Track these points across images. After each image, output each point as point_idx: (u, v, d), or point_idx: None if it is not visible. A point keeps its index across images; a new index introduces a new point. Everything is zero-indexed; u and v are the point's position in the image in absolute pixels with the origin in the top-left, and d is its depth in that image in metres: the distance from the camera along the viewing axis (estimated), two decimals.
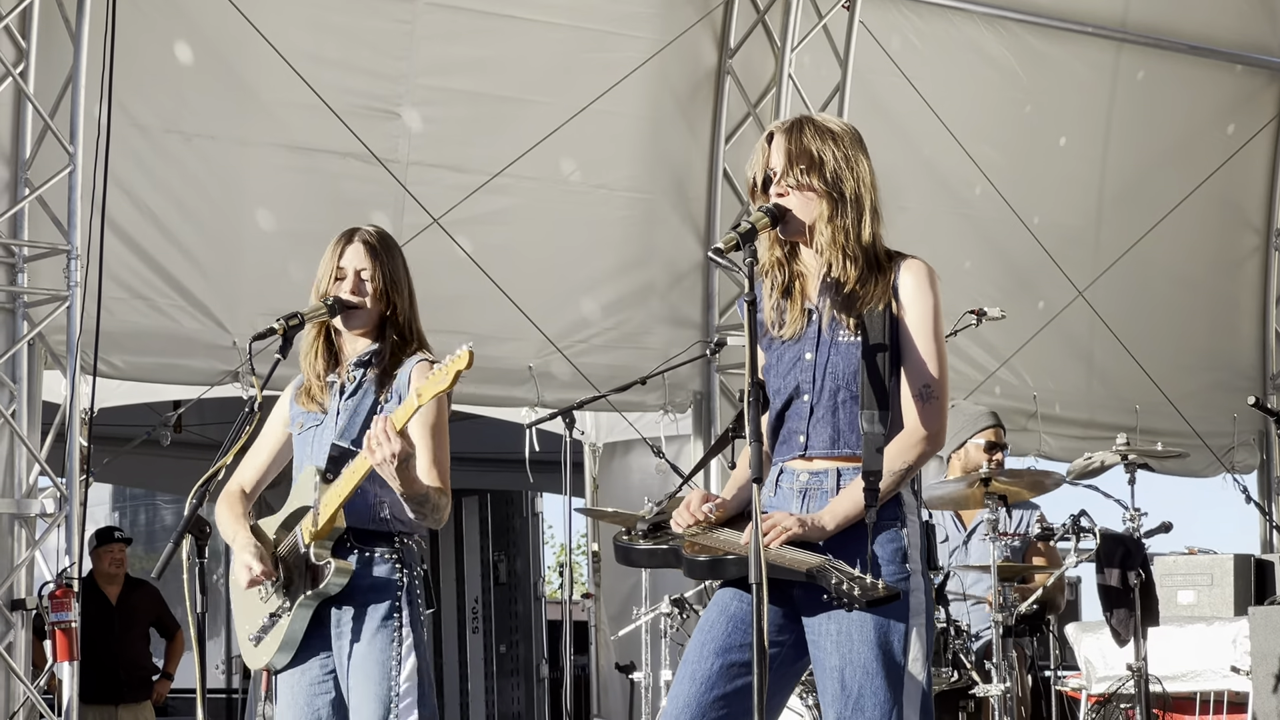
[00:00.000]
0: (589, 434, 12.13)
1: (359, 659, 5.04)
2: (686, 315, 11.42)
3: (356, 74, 10.19)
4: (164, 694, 11.59)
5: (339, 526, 5.02)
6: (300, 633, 5.09)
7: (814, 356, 4.45)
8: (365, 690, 5.03)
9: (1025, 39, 12.34)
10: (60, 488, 9.06)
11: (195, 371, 9.79)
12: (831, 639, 4.34)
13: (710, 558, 4.39)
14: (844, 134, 4.50)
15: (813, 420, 4.44)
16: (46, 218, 9.15)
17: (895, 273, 4.46)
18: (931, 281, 4.46)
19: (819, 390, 4.44)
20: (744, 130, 11.47)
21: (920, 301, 4.44)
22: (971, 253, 12.04)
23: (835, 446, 4.42)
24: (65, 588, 8.67)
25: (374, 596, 5.07)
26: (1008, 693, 7.70)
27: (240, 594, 5.25)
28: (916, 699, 4.35)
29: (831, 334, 4.45)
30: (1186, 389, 12.97)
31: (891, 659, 4.31)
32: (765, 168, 4.50)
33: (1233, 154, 13.13)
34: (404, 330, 5.23)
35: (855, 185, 4.45)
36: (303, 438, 5.24)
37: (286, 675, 5.18)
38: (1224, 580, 9.39)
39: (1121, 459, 8.30)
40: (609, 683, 12.06)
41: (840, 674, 4.32)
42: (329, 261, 5.23)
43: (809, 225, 4.47)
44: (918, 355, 4.42)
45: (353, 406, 5.17)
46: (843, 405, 4.42)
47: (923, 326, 4.43)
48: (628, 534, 4.61)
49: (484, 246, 10.37)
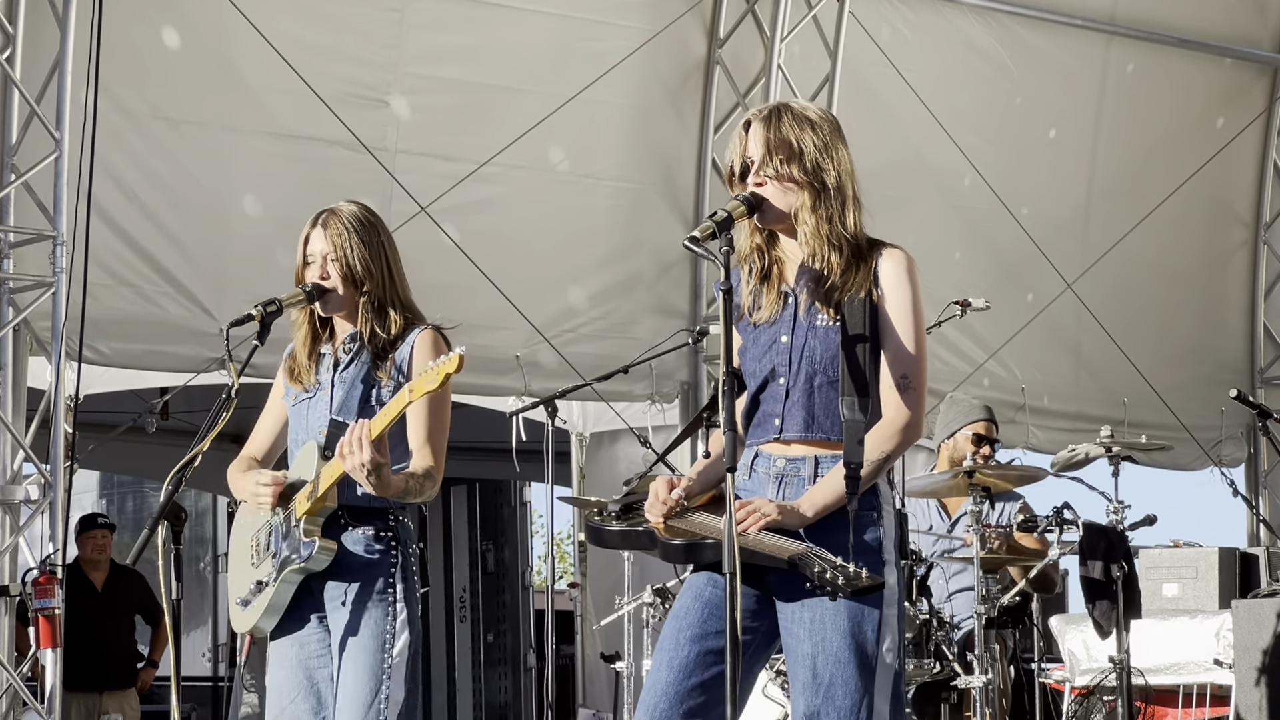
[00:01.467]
0: (575, 423, 12.13)
1: (352, 631, 5.05)
2: (674, 305, 11.42)
3: (345, 61, 10.18)
4: (149, 681, 11.59)
5: (329, 505, 5.03)
6: (285, 602, 5.10)
7: (790, 340, 4.45)
8: (358, 662, 5.04)
9: (1015, 31, 12.33)
10: (45, 474, 9.04)
11: (181, 358, 9.78)
12: (805, 626, 4.34)
13: (686, 541, 4.37)
14: (822, 122, 4.48)
15: (788, 404, 4.43)
16: (32, 203, 9.13)
17: (876, 261, 4.44)
18: (911, 271, 4.45)
19: (795, 374, 4.43)
20: (733, 120, 11.45)
21: (901, 290, 4.43)
22: (960, 244, 12.03)
23: (810, 430, 4.42)
24: (49, 574, 8.66)
25: (370, 571, 5.08)
26: (990, 684, 7.71)
27: (235, 557, 5.25)
28: (887, 689, 4.35)
29: (809, 318, 4.44)
30: (1174, 382, 12.97)
31: (864, 649, 4.31)
32: (743, 156, 4.49)
33: (1221, 148, 13.12)
34: (383, 308, 5.21)
35: (836, 174, 4.44)
36: (296, 410, 5.25)
37: (282, 645, 5.18)
38: (1209, 573, 9.39)
39: (1106, 451, 8.30)
40: (594, 672, 12.06)
41: (812, 662, 4.32)
42: (299, 248, 5.24)
43: (790, 214, 4.46)
44: (897, 344, 4.41)
45: (349, 380, 5.17)
46: (818, 390, 4.41)
47: (903, 316, 4.41)
48: (600, 515, 4.60)
49: (472, 235, 10.36)
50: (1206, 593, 9.38)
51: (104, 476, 18.82)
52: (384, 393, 5.10)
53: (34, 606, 8.64)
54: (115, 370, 10.12)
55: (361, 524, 5.10)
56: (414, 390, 4.79)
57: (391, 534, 5.12)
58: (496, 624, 15.47)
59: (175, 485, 4.87)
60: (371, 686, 5.02)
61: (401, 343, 5.18)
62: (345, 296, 5.19)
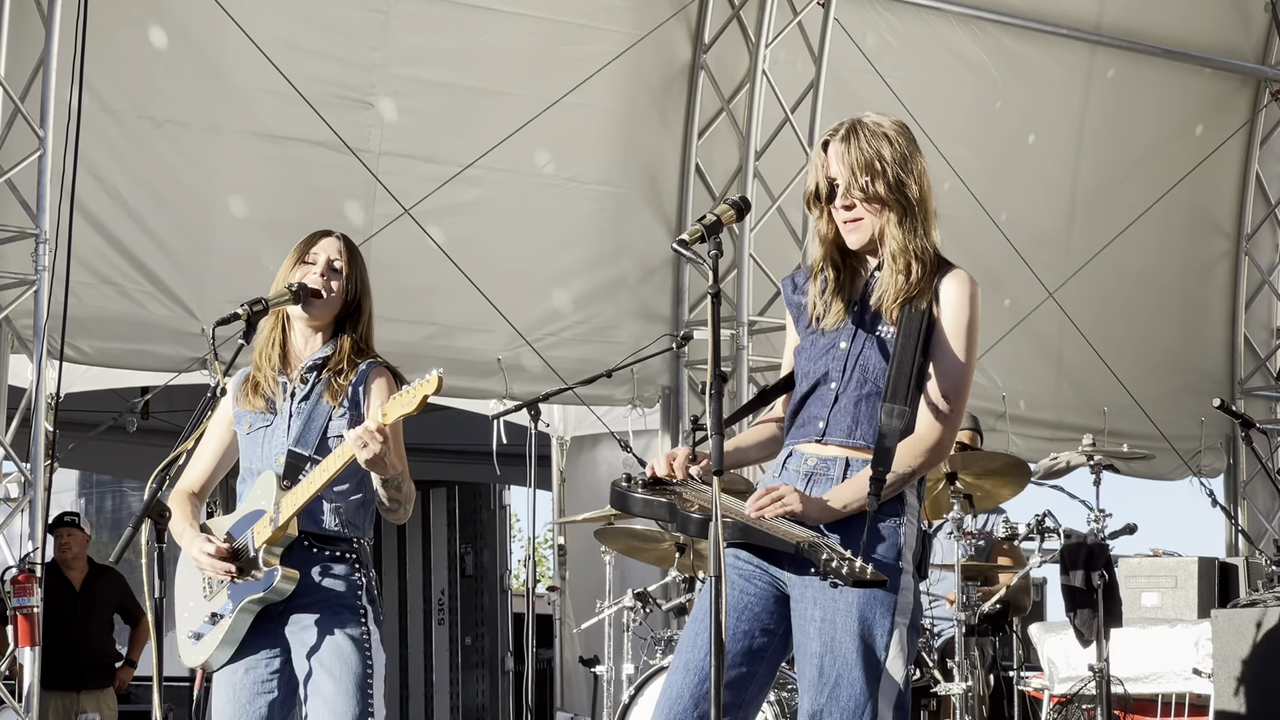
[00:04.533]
0: (556, 427, 12.12)
1: (329, 655, 5.03)
2: (656, 310, 11.43)
3: (330, 63, 10.18)
4: (127, 681, 11.55)
5: (290, 534, 5.04)
6: (241, 634, 5.09)
7: (848, 346, 4.48)
8: (342, 682, 5.01)
9: (999, 39, 12.35)
10: (25, 472, 9.02)
11: (163, 358, 9.77)
12: (815, 625, 4.36)
13: (705, 515, 4.33)
14: (898, 135, 4.52)
15: (836, 408, 4.45)
16: (15, 201, 9.10)
17: (941, 278, 4.48)
18: (975, 295, 4.49)
19: (847, 379, 4.46)
20: (717, 126, 11.48)
21: (961, 312, 4.46)
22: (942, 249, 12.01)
23: (852, 436, 4.44)
24: (28, 573, 8.64)
25: (338, 596, 5.09)
26: (969, 691, 7.72)
27: (183, 590, 5.22)
28: (892, 696, 4.37)
29: (871, 327, 4.47)
30: (1155, 392, 13.00)
31: (872, 653, 4.33)
32: (826, 177, 4.50)
33: (1204, 158, 13.15)
34: (361, 336, 5.22)
35: (918, 187, 4.50)
36: (251, 438, 5.21)
37: (226, 672, 5.15)
38: (1188, 583, 9.41)
39: (1087, 460, 8.32)
40: (573, 676, 12.05)
41: (820, 661, 4.35)
42: (297, 251, 5.21)
43: (876, 233, 4.49)
44: (946, 364, 4.44)
45: (306, 412, 5.14)
46: (867, 398, 4.44)
47: (958, 337, 4.45)
48: (628, 480, 4.58)
49: (455, 237, 10.36)
50: (1185, 602, 9.40)
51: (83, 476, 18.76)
52: (339, 424, 5.09)
53: (12, 605, 8.62)
54: (96, 369, 10.12)
55: (328, 548, 5.11)
56: (388, 414, 4.81)
57: (356, 558, 5.13)
58: (475, 627, 15.45)
59: (159, 484, 4.85)
60: (359, 704, 5.01)
61: (353, 372, 5.17)
62: (334, 306, 5.18)
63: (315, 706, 5.04)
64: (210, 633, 5.10)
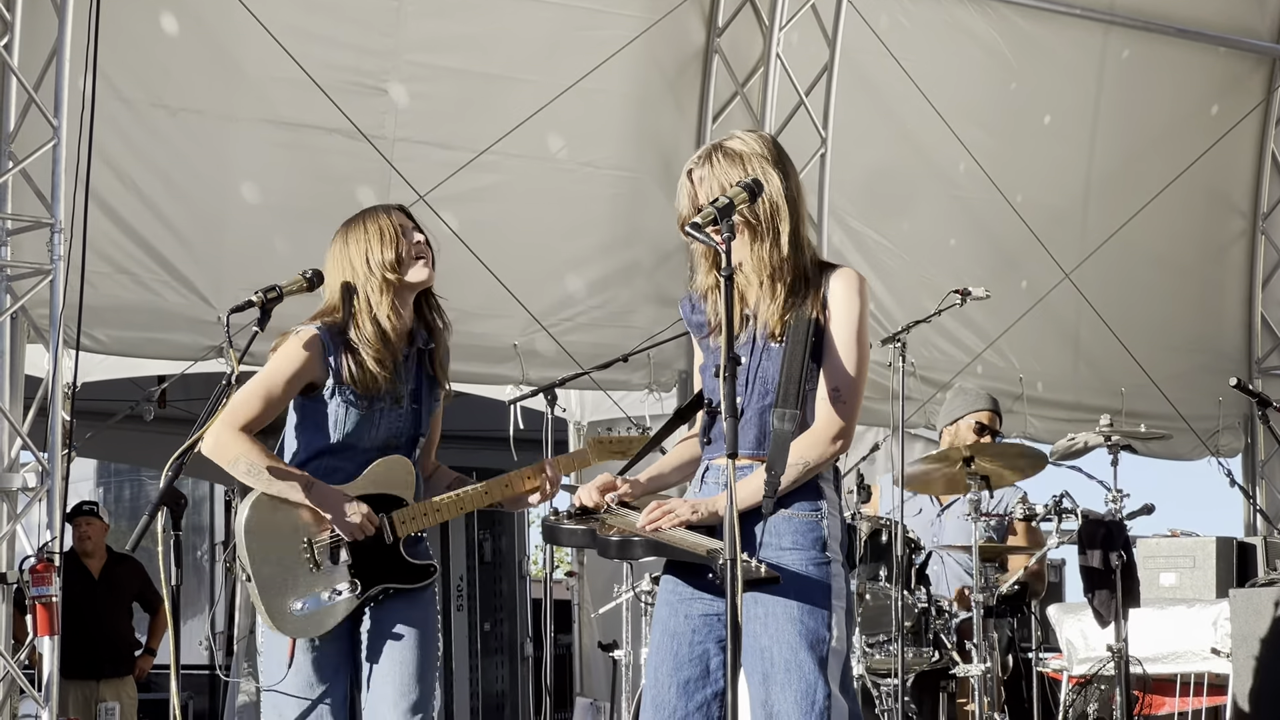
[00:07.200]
0: (573, 412, 12.12)
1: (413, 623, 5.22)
2: (672, 294, 11.39)
3: (343, 49, 10.17)
4: (146, 669, 11.59)
5: None
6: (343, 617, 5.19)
7: (748, 361, 4.60)
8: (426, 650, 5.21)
9: (1013, 20, 12.32)
10: (42, 462, 9.03)
11: (179, 346, 9.78)
12: (759, 621, 4.51)
13: (621, 538, 4.56)
14: (751, 155, 4.60)
15: (743, 421, 4.54)
16: (30, 191, 9.10)
17: (826, 282, 4.60)
18: (860, 289, 4.61)
19: (750, 394, 4.59)
20: (731, 109, 11.46)
21: (846, 308, 4.59)
22: (956, 231, 12.04)
23: (761, 446, 4.58)
24: (46, 562, 8.65)
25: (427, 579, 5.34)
26: (988, 672, 7.72)
27: (279, 554, 5.12)
28: (838, 673, 4.52)
29: (764, 342, 4.59)
30: (1172, 372, 12.98)
31: (816, 639, 4.48)
32: (695, 202, 4.62)
33: (1219, 138, 13.12)
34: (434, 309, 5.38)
35: (768, 205, 4.56)
36: (366, 415, 5.22)
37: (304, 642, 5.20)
38: (1206, 563, 9.40)
39: (1105, 440, 8.30)
40: (592, 661, 12.06)
41: (769, 652, 4.49)
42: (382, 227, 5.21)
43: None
44: (835, 358, 4.57)
45: (423, 395, 5.31)
46: (769, 409, 4.57)
47: (845, 331, 4.58)
48: (555, 514, 4.77)
49: (470, 223, 10.35)
50: (1204, 582, 9.39)
51: (101, 464, 18.80)
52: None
53: (31, 594, 8.63)
54: (113, 358, 10.13)
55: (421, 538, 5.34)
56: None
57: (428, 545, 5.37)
58: (494, 613, 15.46)
59: (175, 471, 4.86)
60: (431, 675, 5.20)
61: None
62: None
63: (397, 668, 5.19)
64: (326, 608, 5.14)
